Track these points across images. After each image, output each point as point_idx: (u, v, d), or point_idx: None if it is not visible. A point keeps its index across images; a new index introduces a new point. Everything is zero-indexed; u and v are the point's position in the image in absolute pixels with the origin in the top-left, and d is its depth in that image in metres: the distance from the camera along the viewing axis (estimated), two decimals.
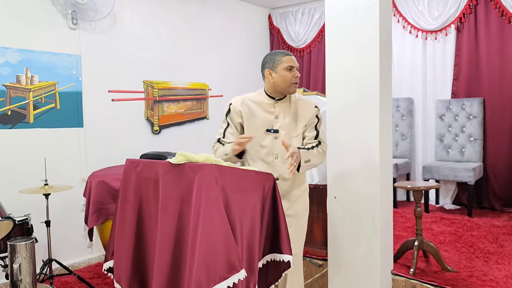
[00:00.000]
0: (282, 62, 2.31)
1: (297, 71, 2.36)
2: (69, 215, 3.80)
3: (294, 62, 2.34)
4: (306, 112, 2.38)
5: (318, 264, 3.40)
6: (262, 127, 2.35)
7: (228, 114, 2.42)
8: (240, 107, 2.38)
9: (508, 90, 4.73)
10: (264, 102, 2.39)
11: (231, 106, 2.41)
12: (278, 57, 2.33)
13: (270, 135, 2.34)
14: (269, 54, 2.38)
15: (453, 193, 5.13)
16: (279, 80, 2.32)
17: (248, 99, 2.41)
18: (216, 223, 1.70)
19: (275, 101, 2.38)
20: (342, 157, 2.97)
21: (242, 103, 2.39)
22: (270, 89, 2.38)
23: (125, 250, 1.97)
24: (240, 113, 2.38)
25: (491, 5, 4.76)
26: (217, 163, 1.84)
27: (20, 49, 3.54)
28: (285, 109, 2.38)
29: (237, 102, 2.40)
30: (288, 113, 2.37)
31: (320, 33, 5.86)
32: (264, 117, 2.36)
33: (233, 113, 2.40)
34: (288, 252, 1.93)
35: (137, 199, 1.99)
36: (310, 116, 2.38)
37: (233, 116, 2.40)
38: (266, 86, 2.40)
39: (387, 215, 2.98)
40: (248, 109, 2.37)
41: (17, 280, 2.35)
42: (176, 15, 4.84)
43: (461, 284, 2.96)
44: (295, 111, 2.38)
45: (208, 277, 1.66)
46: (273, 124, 2.35)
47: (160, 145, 4.65)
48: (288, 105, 2.39)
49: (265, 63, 2.37)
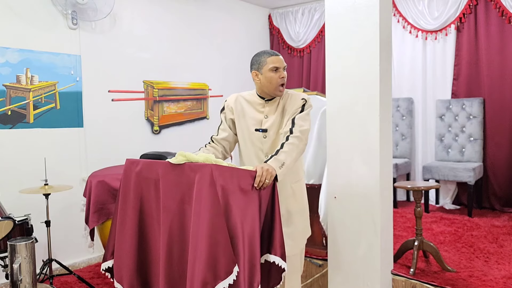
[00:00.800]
0: (267, 63, 2.27)
1: (284, 71, 2.31)
2: (69, 215, 3.80)
3: (279, 62, 2.28)
4: (291, 107, 2.31)
5: (318, 264, 3.40)
6: (251, 126, 2.35)
7: (222, 110, 2.46)
8: (233, 104, 2.41)
9: (508, 90, 4.73)
10: (255, 102, 2.39)
11: (225, 103, 2.45)
12: (263, 58, 2.30)
13: (260, 134, 2.34)
14: (255, 55, 2.35)
15: (453, 193, 5.13)
16: (265, 82, 2.29)
17: (242, 97, 2.42)
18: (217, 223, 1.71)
19: (265, 101, 2.38)
20: (341, 157, 2.97)
21: (235, 101, 2.41)
22: (259, 90, 2.38)
23: (126, 250, 1.97)
24: (232, 110, 2.40)
25: (491, 5, 4.76)
26: (217, 163, 1.84)
27: (20, 49, 3.54)
28: (274, 107, 2.36)
29: (231, 99, 2.44)
30: (276, 111, 2.35)
31: (320, 33, 5.86)
32: (255, 116, 2.36)
33: (226, 110, 2.43)
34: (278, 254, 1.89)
35: (137, 199, 1.99)
36: (295, 108, 2.29)
37: (227, 113, 2.43)
38: (256, 87, 2.40)
39: (387, 215, 2.98)
40: (241, 107, 2.39)
41: (17, 280, 2.35)
42: (176, 15, 4.84)
43: (461, 284, 2.96)
44: (282, 108, 2.35)
45: (214, 275, 1.68)
46: (262, 123, 2.34)
47: (160, 145, 4.65)
48: (277, 103, 2.36)
49: (252, 64, 2.35)
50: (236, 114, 2.39)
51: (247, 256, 1.80)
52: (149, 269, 1.99)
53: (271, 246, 1.91)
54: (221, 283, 1.69)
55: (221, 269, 1.69)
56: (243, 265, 1.77)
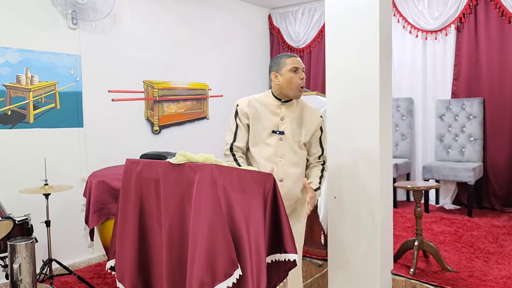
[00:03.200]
0: (287, 64, 2.32)
1: (303, 72, 2.36)
2: (69, 215, 3.80)
3: (299, 63, 2.34)
4: (311, 120, 2.40)
5: (318, 264, 3.40)
6: (267, 128, 2.35)
7: (237, 115, 2.38)
8: (247, 108, 2.36)
9: (508, 90, 4.73)
10: (270, 104, 2.39)
11: (238, 108, 2.38)
12: (283, 59, 2.35)
13: (275, 136, 2.34)
14: (275, 57, 2.41)
15: (453, 193, 5.13)
16: (284, 83, 2.33)
17: (255, 100, 2.39)
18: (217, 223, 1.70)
19: (281, 102, 2.38)
20: (342, 157, 2.97)
21: (249, 105, 2.37)
22: (277, 92, 2.39)
23: (128, 250, 1.97)
24: (247, 115, 2.36)
25: (491, 5, 4.76)
26: (217, 163, 1.84)
27: (20, 49, 3.54)
28: (291, 112, 2.38)
29: (243, 103, 2.38)
30: (294, 117, 2.37)
31: (320, 33, 5.86)
32: (270, 119, 2.36)
33: (240, 115, 2.37)
34: (293, 251, 1.90)
35: (138, 199, 1.99)
36: (315, 126, 2.40)
37: (241, 118, 2.37)
38: (274, 88, 2.40)
39: (387, 215, 2.98)
40: (255, 110, 2.36)
41: (17, 280, 2.35)
42: (176, 15, 4.84)
43: (461, 284, 2.96)
44: (300, 116, 2.39)
45: (212, 276, 1.66)
46: (279, 126, 2.35)
47: (160, 145, 4.65)
48: (295, 109, 2.39)
49: (271, 66, 2.39)
50: (251, 119, 2.36)
51: (254, 256, 1.78)
52: (150, 269, 1.99)
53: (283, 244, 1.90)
54: (219, 285, 1.66)
55: (220, 270, 1.67)
56: (251, 264, 1.75)
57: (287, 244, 1.90)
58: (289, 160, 2.34)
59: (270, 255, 1.96)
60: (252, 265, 1.76)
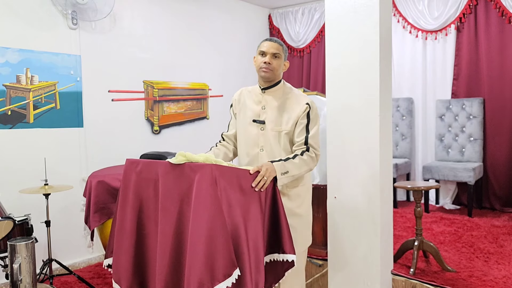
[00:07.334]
0: (258, 48, 2.29)
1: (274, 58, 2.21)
2: (69, 215, 3.80)
3: (267, 47, 2.21)
4: (294, 107, 2.22)
5: (318, 264, 3.40)
6: (249, 117, 2.31)
7: (231, 107, 2.46)
8: (238, 97, 2.42)
9: (508, 90, 4.73)
10: (255, 92, 2.36)
11: (232, 98, 2.46)
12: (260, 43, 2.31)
13: (256, 125, 2.27)
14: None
15: (453, 193, 5.13)
16: (255, 66, 2.31)
17: (245, 89, 2.42)
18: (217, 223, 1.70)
19: (261, 90, 2.32)
20: (342, 157, 2.97)
21: (240, 94, 2.42)
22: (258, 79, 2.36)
23: (124, 251, 1.96)
24: (236, 105, 2.41)
25: (491, 5, 4.76)
26: (217, 163, 1.84)
27: (20, 49, 3.54)
28: (273, 100, 2.28)
29: (237, 93, 2.45)
30: (275, 105, 2.27)
31: (320, 33, 5.86)
32: (253, 108, 2.32)
33: (233, 105, 2.44)
34: (292, 252, 1.91)
35: (137, 199, 1.98)
36: (297, 113, 2.20)
37: (233, 108, 2.44)
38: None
39: (387, 215, 2.98)
40: (243, 99, 2.38)
41: (17, 280, 2.35)
42: (176, 15, 4.84)
43: (461, 284, 2.96)
44: (283, 104, 2.25)
45: (211, 276, 1.66)
46: (260, 115, 2.28)
47: (160, 145, 4.65)
48: (278, 97, 2.28)
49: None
50: (238, 108, 2.39)
51: (253, 256, 1.78)
52: (146, 270, 1.98)
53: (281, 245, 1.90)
54: (219, 285, 1.66)
55: (219, 271, 1.67)
56: (249, 264, 1.76)
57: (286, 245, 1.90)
58: (270, 152, 2.22)
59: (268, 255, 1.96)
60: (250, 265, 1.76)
